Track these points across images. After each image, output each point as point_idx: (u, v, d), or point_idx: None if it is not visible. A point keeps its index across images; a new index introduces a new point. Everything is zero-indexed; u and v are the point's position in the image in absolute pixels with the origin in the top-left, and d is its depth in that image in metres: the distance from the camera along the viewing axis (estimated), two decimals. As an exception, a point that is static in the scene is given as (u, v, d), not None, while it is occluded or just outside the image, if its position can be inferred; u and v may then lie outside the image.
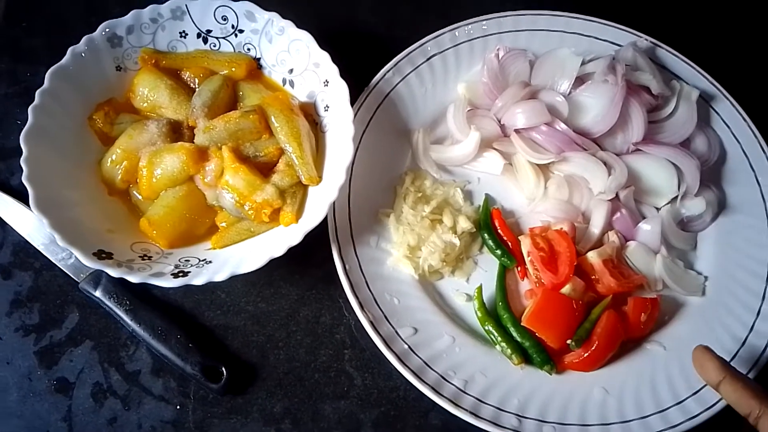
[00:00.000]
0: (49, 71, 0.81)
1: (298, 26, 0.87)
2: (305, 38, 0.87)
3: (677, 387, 0.80)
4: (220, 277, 0.74)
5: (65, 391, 0.81)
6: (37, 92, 0.79)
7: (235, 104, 0.89)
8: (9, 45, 1.02)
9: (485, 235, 0.88)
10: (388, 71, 0.94)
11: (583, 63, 0.93)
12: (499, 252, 0.87)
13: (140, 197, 0.84)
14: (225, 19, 0.89)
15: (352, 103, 0.84)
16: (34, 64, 0.99)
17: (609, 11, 1.02)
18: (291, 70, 0.90)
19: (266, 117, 0.83)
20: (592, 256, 0.85)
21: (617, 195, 0.89)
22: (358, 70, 0.91)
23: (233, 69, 0.89)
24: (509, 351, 0.81)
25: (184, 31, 0.90)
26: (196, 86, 0.89)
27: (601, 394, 0.79)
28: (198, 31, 0.90)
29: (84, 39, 0.84)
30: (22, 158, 0.75)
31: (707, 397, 0.78)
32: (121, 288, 0.83)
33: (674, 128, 0.93)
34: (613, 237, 0.88)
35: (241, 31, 0.90)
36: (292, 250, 0.75)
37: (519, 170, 0.93)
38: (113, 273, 0.72)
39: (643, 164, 0.90)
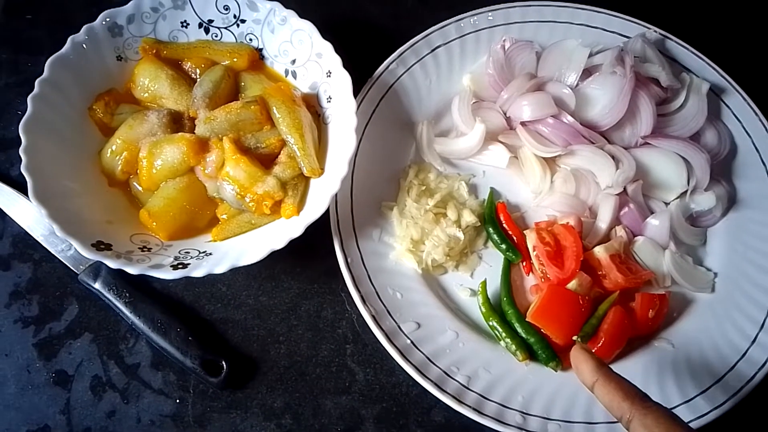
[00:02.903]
0: (48, 60, 0.80)
1: (301, 16, 0.86)
2: (308, 28, 0.85)
3: (685, 385, 0.78)
4: (220, 269, 0.73)
5: (64, 383, 0.80)
6: (37, 81, 0.79)
7: (236, 95, 0.88)
8: (10, 36, 1.01)
9: (490, 229, 0.87)
10: (392, 62, 0.93)
11: (590, 55, 0.91)
12: (504, 246, 0.86)
13: (140, 188, 0.83)
14: (227, 9, 0.88)
15: (355, 95, 0.83)
16: (35, 55, 0.98)
17: (617, 2, 1.00)
18: (293, 61, 0.89)
19: (268, 108, 0.82)
20: (599, 251, 0.83)
21: (625, 189, 0.87)
22: (361, 61, 0.89)
23: (235, 59, 0.88)
24: (514, 347, 0.79)
25: (185, 21, 0.89)
26: (197, 77, 0.88)
27: (608, 392, 0.78)
28: (199, 20, 0.89)
29: (84, 28, 0.83)
30: (21, 148, 0.75)
31: (716, 395, 0.77)
32: (120, 280, 0.82)
33: (684, 121, 0.91)
34: (620, 232, 0.86)
35: (243, 21, 0.89)
36: (293, 244, 0.74)
37: (525, 163, 0.91)
38: (112, 264, 0.71)
39: (652, 158, 0.89)
